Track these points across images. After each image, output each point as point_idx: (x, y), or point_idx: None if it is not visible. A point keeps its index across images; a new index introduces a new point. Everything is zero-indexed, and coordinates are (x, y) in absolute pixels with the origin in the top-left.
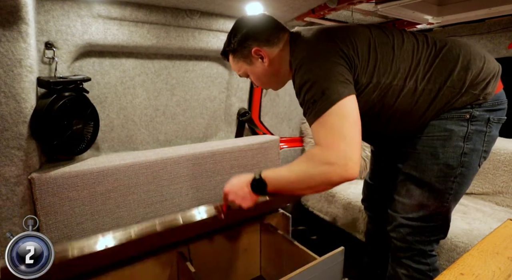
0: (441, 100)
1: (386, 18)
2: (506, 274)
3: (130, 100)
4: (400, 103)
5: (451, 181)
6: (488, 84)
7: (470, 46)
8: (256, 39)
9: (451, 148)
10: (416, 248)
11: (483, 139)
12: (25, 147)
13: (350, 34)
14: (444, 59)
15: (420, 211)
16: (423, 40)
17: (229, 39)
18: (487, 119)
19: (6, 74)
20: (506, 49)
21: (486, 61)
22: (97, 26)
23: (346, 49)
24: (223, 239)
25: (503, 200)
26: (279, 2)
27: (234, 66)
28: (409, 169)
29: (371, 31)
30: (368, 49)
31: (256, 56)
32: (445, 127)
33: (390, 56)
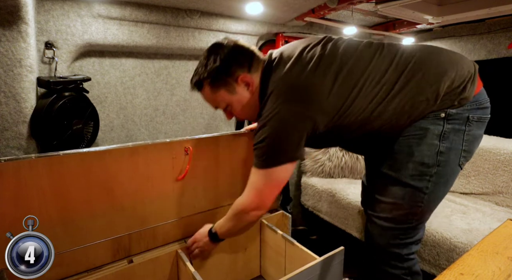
0: (415, 112)
1: (386, 18)
2: (506, 274)
3: (130, 100)
4: (374, 126)
5: (427, 180)
6: (464, 89)
7: (440, 55)
8: (241, 64)
9: (426, 146)
10: (391, 252)
11: (462, 138)
12: (25, 147)
13: (311, 92)
14: (415, 79)
15: (393, 211)
16: (390, 60)
17: (205, 65)
18: (466, 117)
19: (6, 74)
20: (506, 49)
21: (459, 68)
22: (97, 26)
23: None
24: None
25: (503, 200)
26: (279, 2)
27: (211, 97)
28: (387, 168)
29: (339, 70)
30: (330, 99)
31: (241, 84)
32: (420, 126)
33: (354, 97)
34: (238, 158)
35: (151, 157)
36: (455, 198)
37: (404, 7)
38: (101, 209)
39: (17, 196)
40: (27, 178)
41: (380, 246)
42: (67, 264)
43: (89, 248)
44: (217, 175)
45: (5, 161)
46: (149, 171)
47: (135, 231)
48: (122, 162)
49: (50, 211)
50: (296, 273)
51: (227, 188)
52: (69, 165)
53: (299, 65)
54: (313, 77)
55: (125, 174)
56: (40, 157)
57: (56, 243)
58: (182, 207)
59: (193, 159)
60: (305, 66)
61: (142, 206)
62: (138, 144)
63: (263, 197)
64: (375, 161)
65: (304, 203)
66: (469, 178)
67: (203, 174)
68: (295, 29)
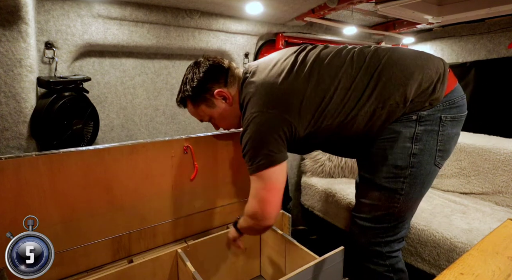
0: (387, 115)
1: (386, 18)
2: (506, 274)
3: (130, 100)
4: (350, 131)
5: (401, 182)
6: (433, 90)
7: (406, 59)
8: (217, 80)
9: (399, 149)
10: (372, 249)
11: (436, 138)
12: (25, 147)
13: (286, 97)
14: (384, 82)
15: (372, 211)
16: (360, 66)
17: (185, 84)
18: (439, 118)
19: (6, 74)
20: (506, 49)
21: (425, 70)
22: (97, 26)
23: (281, 120)
24: (223, 238)
25: (503, 200)
26: (279, 2)
27: (195, 112)
28: (364, 171)
29: (310, 78)
30: (304, 104)
31: (219, 98)
32: (394, 129)
33: (327, 102)
34: (237, 156)
35: (150, 155)
36: (455, 198)
37: (404, 7)
38: (100, 207)
39: (18, 194)
40: (28, 176)
41: (361, 244)
42: (67, 263)
43: (89, 248)
44: (216, 174)
45: (5, 159)
46: (149, 169)
47: (135, 230)
48: (122, 160)
49: (50, 210)
50: (296, 273)
51: (227, 187)
52: (69, 163)
53: (274, 74)
54: (287, 83)
55: (125, 172)
56: (40, 155)
57: (56, 242)
58: (182, 206)
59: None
60: (279, 74)
61: (141, 205)
62: (137, 142)
63: (261, 203)
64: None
65: (304, 203)
66: (469, 178)
67: (202, 173)
68: (295, 29)
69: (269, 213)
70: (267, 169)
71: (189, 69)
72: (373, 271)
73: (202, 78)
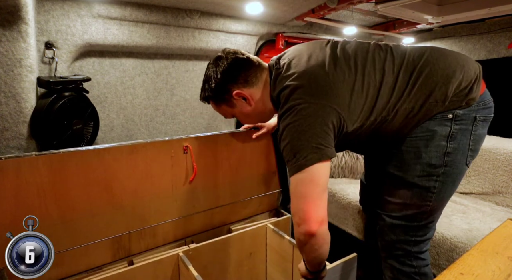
0: (424, 113)
1: (386, 18)
2: (506, 274)
3: (130, 100)
4: (386, 128)
5: (434, 180)
6: (471, 90)
7: (447, 57)
8: (235, 82)
9: (434, 148)
10: (400, 247)
11: (468, 138)
12: (25, 147)
13: (335, 88)
14: (424, 79)
15: (403, 210)
16: (401, 61)
17: (204, 86)
18: (474, 118)
19: (6, 74)
20: (506, 49)
21: (466, 70)
22: (97, 26)
23: (331, 111)
24: (227, 242)
25: (503, 200)
26: (279, 2)
27: (218, 110)
28: (393, 169)
29: (356, 70)
30: (353, 97)
31: (238, 98)
32: (428, 127)
33: (375, 96)
34: (237, 156)
35: (150, 155)
36: (455, 198)
37: (404, 7)
38: (100, 207)
39: (18, 194)
40: (28, 176)
41: (389, 242)
42: (67, 263)
43: (89, 247)
44: (216, 174)
45: (5, 158)
46: (148, 169)
47: (135, 230)
48: (121, 160)
49: (50, 209)
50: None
51: (226, 187)
52: (69, 163)
53: (315, 64)
54: (333, 74)
55: (124, 172)
56: (40, 155)
57: (56, 242)
58: (181, 206)
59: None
60: (322, 65)
61: (141, 205)
62: (137, 142)
63: (302, 200)
64: (380, 161)
65: None
66: (469, 178)
67: (202, 173)
68: (295, 29)
69: (309, 212)
70: (315, 165)
71: (209, 66)
72: (398, 270)
73: (220, 79)
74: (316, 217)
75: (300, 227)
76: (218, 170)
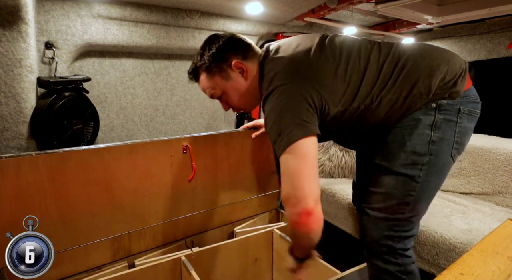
0: (409, 105)
1: (386, 18)
2: (506, 274)
3: (130, 100)
4: (371, 118)
5: (419, 169)
6: (455, 84)
7: (432, 52)
8: (236, 52)
9: (418, 136)
10: (385, 244)
11: (454, 129)
12: (25, 147)
13: (317, 70)
14: (408, 71)
15: (386, 200)
16: (387, 53)
17: (201, 54)
18: (458, 109)
19: (6, 74)
20: (506, 49)
21: (450, 64)
22: (97, 26)
23: (312, 91)
24: (231, 247)
25: (502, 200)
26: (279, 2)
27: (207, 83)
28: (379, 159)
29: (340, 57)
30: (335, 81)
31: (236, 70)
32: (413, 116)
33: (358, 82)
34: (236, 156)
35: (150, 155)
36: (454, 198)
37: (404, 7)
38: (100, 207)
39: (18, 193)
40: (28, 176)
41: (373, 238)
42: (67, 263)
43: (89, 247)
44: (216, 174)
45: (6, 157)
46: (148, 169)
47: (135, 230)
48: (121, 159)
49: (50, 209)
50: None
51: (226, 187)
52: (69, 163)
53: (301, 50)
54: (318, 58)
55: (124, 171)
56: (40, 155)
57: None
58: (181, 206)
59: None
60: (308, 50)
61: (141, 204)
62: (136, 142)
63: (294, 178)
64: (368, 154)
65: None
66: (469, 178)
67: (202, 172)
68: (295, 29)
69: (303, 188)
70: (301, 140)
71: (207, 40)
72: (383, 270)
73: (221, 47)
74: (312, 195)
75: (296, 208)
76: (218, 170)
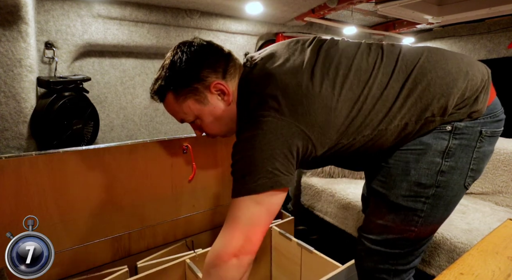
0: (419, 129)
1: (386, 18)
2: (506, 274)
3: (130, 100)
4: (375, 146)
5: (422, 202)
6: (476, 100)
7: (447, 61)
8: (214, 68)
9: (425, 164)
10: (379, 277)
11: (470, 155)
12: (25, 147)
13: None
14: (419, 90)
15: (384, 233)
16: (391, 70)
17: (169, 69)
18: (479, 132)
19: (6, 74)
20: (506, 49)
21: (470, 77)
22: (97, 26)
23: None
24: None
25: (502, 200)
26: (279, 2)
27: (176, 108)
28: (377, 185)
29: (335, 82)
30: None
31: (215, 93)
32: (421, 140)
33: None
34: None
35: (150, 155)
36: None
37: (404, 7)
38: (100, 207)
39: (18, 194)
40: (28, 176)
41: (367, 270)
42: (67, 263)
43: (89, 247)
44: (216, 174)
45: (6, 158)
46: (148, 169)
47: (135, 230)
48: (121, 160)
49: (50, 209)
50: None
51: (226, 187)
52: (69, 163)
53: (288, 70)
54: (309, 86)
55: (124, 172)
56: (40, 155)
57: (56, 241)
58: (181, 206)
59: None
60: (296, 72)
61: (141, 204)
62: (137, 142)
63: (250, 234)
64: (368, 175)
65: (304, 203)
66: None
67: (202, 172)
68: (295, 29)
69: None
70: (268, 192)
71: (176, 48)
72: None
73: (195, 61)
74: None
75: (237, 259)
76: (218, 170)
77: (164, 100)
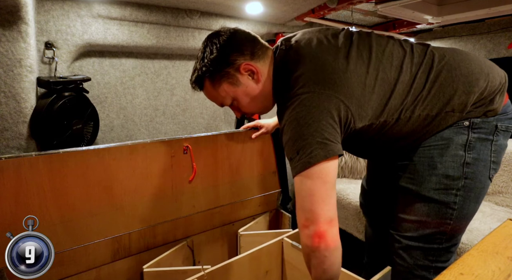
0: (439, 123)
1: (386, 18)
2: (506, 274)
3: (130, 100)
4: (395, 132)
5: (454, 194)
6: (492, 101)
7: (471, 62)
8: (241, 52)
9: (450, 157)
10: (419, 274)
11: (489, 148)
12: (25, 147)
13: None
14: (443, 84)
15: (419, 229)
16: (420, 61)
17: (202, 59)
18: (494, 126)
19: (6, 74)
20: (506, 49)
21: (490, 79)
22: (97, 26)
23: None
24: (242, 262)
25: (502, 200)
26: (279, 2)
27: (214, 93)
28: (406, 182)
29: (369, 64)
30: (364, 92)
31: (245, 74)
32: (442, 135)
33: (388, 94)
34: (236, 156)
35: (150, 155)
36: None
37: (404, 7)
38: (100, 207)
39: (18, 194)
40: (28, 176)
41: (406, 268)
42: (67, 263)
43: (89, 247)
44: (216, 174)
45: (5, 158)
46: (148, 169)
47: (135, 230)
48: (121, 160)
49: (50, 210)
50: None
51: (226, 187)
52: (69, 163)
53: (325, 50)
54: (345, 63)
55: (124, 172)
56: (40, 155)
57: (56, 242)
58: (182, 206)
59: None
60: (334, 52)
61: (141, 205)
62: (137, 142)
63: (307, 204)
64: (390, 174)
65: None
66: None
67: (202, 173)
68: (295, 29)
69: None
70: (321, 163)
71: (206, 40)
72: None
73: (224, 48)
74: (325, 217)
75: (307, 229)
76: (218, 170)
77: (202, 88)
